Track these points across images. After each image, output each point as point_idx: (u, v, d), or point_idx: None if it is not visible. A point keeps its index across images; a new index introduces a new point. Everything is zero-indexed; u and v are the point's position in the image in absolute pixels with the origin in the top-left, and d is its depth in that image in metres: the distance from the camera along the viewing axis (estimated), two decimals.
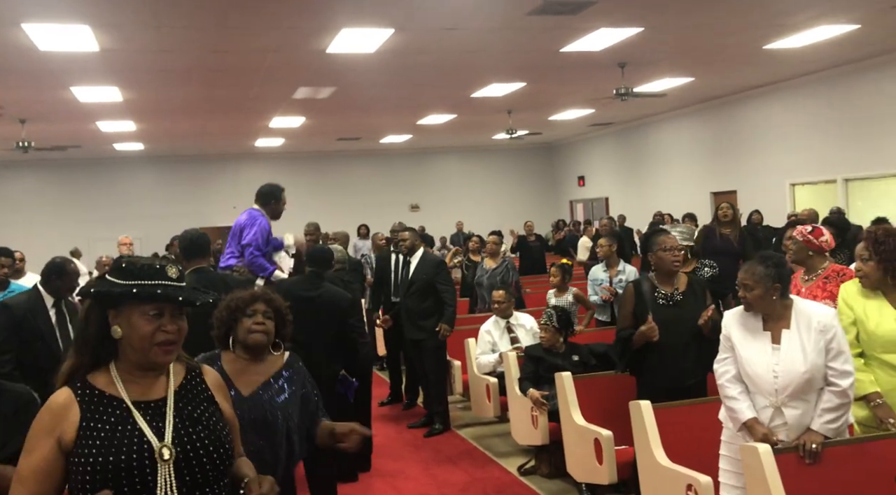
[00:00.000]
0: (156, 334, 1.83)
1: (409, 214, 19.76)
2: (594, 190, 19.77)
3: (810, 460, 3.01)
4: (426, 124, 15.36)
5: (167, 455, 1.80)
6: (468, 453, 5.89)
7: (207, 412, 1.92)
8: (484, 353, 6.10)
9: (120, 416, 1.82)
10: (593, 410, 4.63)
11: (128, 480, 1.77)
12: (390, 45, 8.44)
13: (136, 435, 1.81)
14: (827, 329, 3.10)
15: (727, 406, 3.23)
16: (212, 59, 8.86)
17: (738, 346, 3.20)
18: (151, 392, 1.87)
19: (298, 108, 12.50)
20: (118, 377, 1.85)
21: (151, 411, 1.85)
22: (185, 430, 1.86)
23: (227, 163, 19.33)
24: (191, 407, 1.90)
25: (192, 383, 1.95)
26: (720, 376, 3.26)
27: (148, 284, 1.83)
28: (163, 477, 1.79)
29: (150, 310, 1.83)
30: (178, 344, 1.89)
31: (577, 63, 9.96)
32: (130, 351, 1.86)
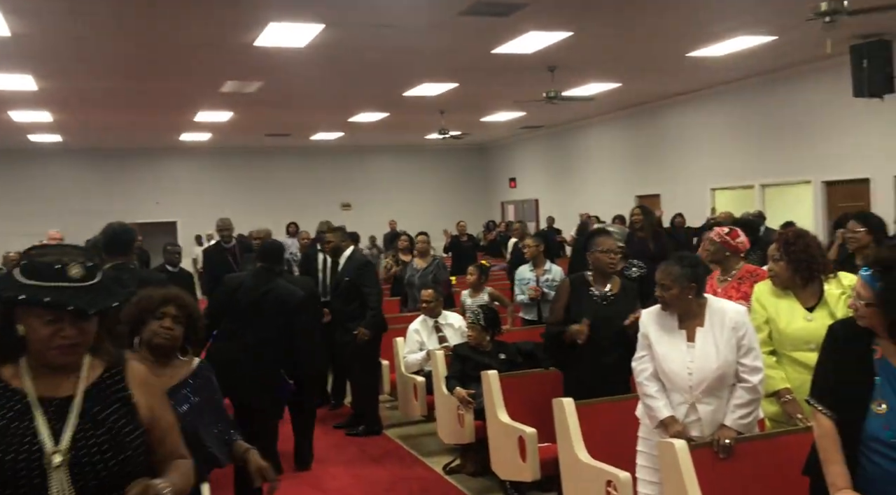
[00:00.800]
0: (53, 338, 1.74)
1: (340, 213, 19.55)
2: (525, 191, 20.01)
3: (724, 455, 3.09)
4: (358, 122, 15.24)
5: (57, 461, 1.70)
6: (394, 452, 5.85)
7: (116, 414, 1.81)
8: (412, 352, 6.07)
9: (18, 411, 1.73)
10: (519, 408, 4.66)
11: (12, 484, 1.67)
12: (321, 41, 8.32)
13: (28, 435, 1.71)
14: (739, 326, 3.20)
15: (645, 403, 3.30)
16: (134, 50, 8.55)
17: (655, 344, 3.27)
18: (60, 388, 1.78)
19: (226, 102, 12.20)
20: (27, 370, 1.77)
21: (54, 409, 1.76)
22: (84, 434, 1.76)
23: (151, 157, 18.72)
24: (99, 408, 1.80)
25: (107, 382, 1.85)
26: (638, 374, 3.33)
27: (42, 287, 1.72)
28: (57, 482, 1.70)
29: (45, 316, 1.73)
30: (81, 345, 1.78)
31: (508, 65, 10.05)
32: (33, 349, 1.78)
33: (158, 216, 18.61)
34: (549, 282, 6.71)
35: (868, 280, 2.31)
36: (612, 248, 4.15)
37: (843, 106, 10.50)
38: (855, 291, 2.38)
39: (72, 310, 1.72)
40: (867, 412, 2.30)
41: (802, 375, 3.43)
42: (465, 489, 4.99)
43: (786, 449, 3.15)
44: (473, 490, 4.96)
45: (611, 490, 3.46)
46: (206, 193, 19.07)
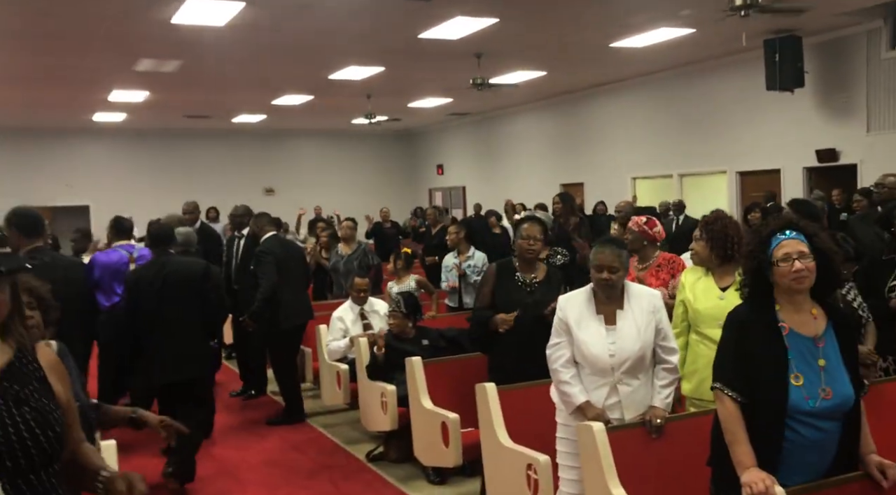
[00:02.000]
0: None
1: (262, 198, 19.12)
2: (452, 178, 20.04)
3: (656, 435, 3.17)
4: (282, 105, 14.89)
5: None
6: (315, 441, 5.77)
7: (37, 393, 1.76)
8: (335, 340, 5.99)
9: None
10: (443, 394, 4.65)
11: None
12: (241, 20, 8.06)
13: None
14: (657, 309, 3.31)
15: (561, 390, 3.32)
16: (41, 23, 8.08)
17: (575, 329, 3.28)
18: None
19: (141, 81, 11.71)
20: None
21: None
22: (8, 412, 1.69)
23: (62, 138, 17.81)
24: (18, 386, 1.73)
25: (21, 362, 1.79)
26: (554, 361, 3.34)
27: None
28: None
29: None
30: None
31: (436, 50, 9.99)
32: None
33: (70, 200, 17.78)
34: (471, 268, 6.78)
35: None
36: (533, 235, 4.17)
37: (757, 98, 10.91)
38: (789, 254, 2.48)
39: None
40: (788, 387, 2.39)
41: (713, 352, 3.55)
42: (387, 476, 4.95)
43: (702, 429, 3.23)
44: (397, 477, 4.93)
45: (531, 473, 3.49)
46: (122, 176, 18.32)
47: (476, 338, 4.30)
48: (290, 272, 6.27)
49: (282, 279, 6.10)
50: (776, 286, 2.51)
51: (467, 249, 6.92)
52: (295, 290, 6.30)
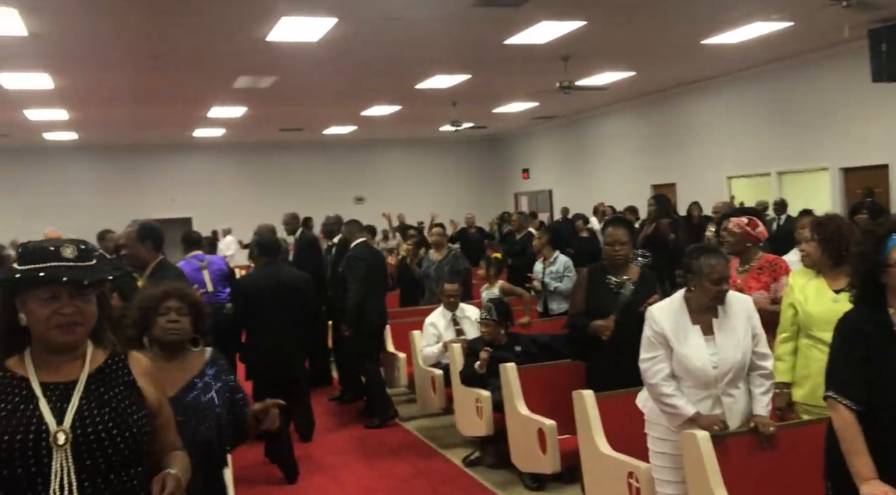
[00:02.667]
0: (52, 317, 1.78)
1: (353, 206, 19.57)
2: (538, 182, 19.94)
3: (768, 443, 3.09)
4: (370, 115, 15.23)
5: (62, 439, 1.74)
6: (412, 445, 5.87)
7: (121, 395, 1.86)
8: (429, 345, 6.08)
9: (24, 397, 1.78)
10: (538, 400, 4.66)
11: (21, 462, 1.72)
12: (333, 35, 8.31)
13: (34, 417, 1.76)
14: (751, 314, 3.25)
15: (666, 404, 3.20)
16: (149, 46, 8.58)
17: (675, 343, 3.19)
18: (63, 374, 1.82)
19: (239, 97, 12.23)
20: (30, 360, 1.82)
21: (59, 393, 1.80)
22: (89, 412, 1.80)
23: (166, 153, 18.81)
24: (103, 389, 1.85)
25: (111, 367, 1.89)
26: (653, 375, 3.23)
27: (35, 267, 1.78)
28: (59, 461, 1.74)
29: (43, 294, 1.78)
30: (83, 325, 1.83)
31: (521, 55, 10.00)
32: (36, 336, 1.82)
33: (174, 212, 18.71)
34: (553, 274, 6.73)
35: None
36: (618, 240, 4.12)
37: (861, 91, 10.37)
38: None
39: (66, 281, 1.76)
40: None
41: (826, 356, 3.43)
42: (485, 481, 4.99)
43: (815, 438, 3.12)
44: (494, 482, 4.96)
45: (632, 481, 3.45)
46: (220, 189, 19.16)
47: (575, 346, 4.27)
48: (375, 278, 6.50)
49: (369, 284, 6.32)
50: (889, 289, 2.41)
51: (551, 254, 6.90)
52: (378, 296, 6.53)
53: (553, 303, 6.77)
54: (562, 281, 6.68)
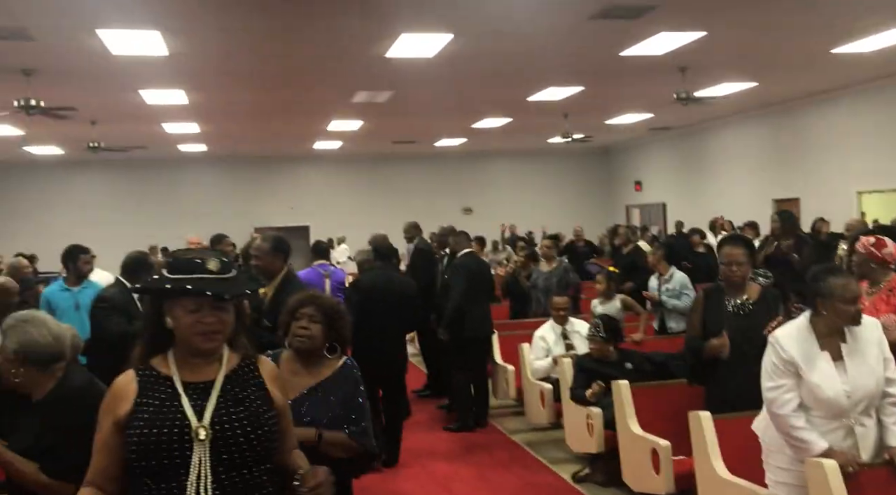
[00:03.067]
0: (195, 325, 1.93)
1: (461, 217, 19.80)
2: (651, 195, 19.48)
3: None
4: (481, 128, 15.39)
5: (202, 435, 1.89)
6: (521, 459, 5.88)
7: (253, 395, 2.00)
8: (538, 359, 6.08)
9: (168, 395, 1.94)
10: (650, 419, 4.57)
11: (167, 454, 1.88)
12: (449, 50, 8.49)
13: (178, 414, 1.92)
14: (881, 339, 3.08)
15: (795, 437, 3.04)
16: (275, 64, 9.06)
17: (805, 371, 3.04)
18: (203, 375, 1.98)
19: (357, 111, 12.67)
20: (174, 360, 1.99)
21: (199, 391, 1.96)
22: (226, 410, 1.94)
23: (286, 164, 19.69)
24: (238, 388, 1.99)
25: (245, 369, 2.05)
26: (780, 406, 3.06)
27: (182, 279, 1.93)
28: (198, 455, 1.88)
29: (188, 305, 1.93)
30: (222, 332, 1.98)
31: (637, 67, 9.85)
32: (180, 339, 1.98)
33: (293, 220, 19.55)
34: (669, 291, 6.56)
35: None
36: (735, 259, 3.96)
37: None
38: None
39: (210, 295, 1.92)
40: None
41: None
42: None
43: None
44: None
45: None
46: (336, 198, 19.85)
47: (694, 371, 4.15)
48: (479, 287, 6.67)
49: (471, 293, 6.50)
50: None
51: (666, 270, 6.71)
52: (481, 305, 6.68)
53: (671, 322, 6.59)
54: (679, 298, 6.52)
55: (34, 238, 16.44)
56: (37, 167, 18.05)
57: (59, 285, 5.77)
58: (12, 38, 7.31)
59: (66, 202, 18.41)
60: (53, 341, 2.79)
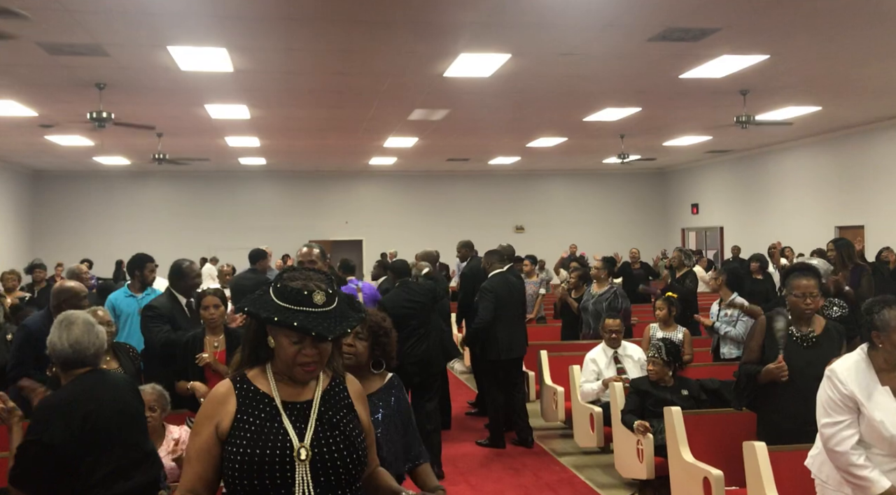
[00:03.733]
0: (297, 357, 1.97)
1: (513, 235, 19.78)
2: (708, 218, 19.15)
3: None
4: (536, 147, 15.39)
5: (304, 455, 1.94)
6: (568, 481, 5.82)
7: (346, 419, 2.04)
8: (588, 381, 6.02)
9: (269, 414, 1.99)
10: (702, 447, 4.49)
11: (269, 474, 1.92)
12: (506, 70, 8.55)
13: (280, 434, 1.96)
14: None
15: (856, 475, 2.95)
16: (335, 81, 9.26)
17: (866, 408, 2.95)
18: (299, 394, 2.02)
19: (413, 128, 12.82)
20: (272, 377, 2.02)
21: (297, 413, 2.00)
22: (323, 434, 1.99)
23: (342, 179, 20.02)
24: (331, 412, 2.03)
25: (335, 389, 2.09)
26: (839, 443, 2.98)
27: (292, 310, 1.93)
28: (300, 474, 1.93)
29: (292, 336, 1.96)
30: (320, 364, 2.01)
31: (697, 89, 9.74)
32: (280, 361, 2.02)
33: (347, 234, 19.83)
34: (728, 317, 6.42)
35: None
36: (809, 292, 3.84)
37: None
38: None
39: (314, 335, 1.93)
40: None
41: None
42: None
43: None
44: None
45: None
46: (389, 214, 20.07)
47: (742, 394, 4.08)
48: (507, 309, 6.69)
49: (500, 315, 6.57)
50: None
51: (728, 296, 6.57)
52: (511, 326, 6.73)
53: (724, 348, 6.47)
54: (735, 325, 6.38)
55: (99, 245, 17.07)
56: (104, 177, 18.75)
57: (124, 291, 5.98)
58: (89, 54, 7.65)
59: (130, 211, 19.05)
60: (69, 347, 2.98)
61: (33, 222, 18.55)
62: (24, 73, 8.55)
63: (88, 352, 3.01)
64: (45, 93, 9.56)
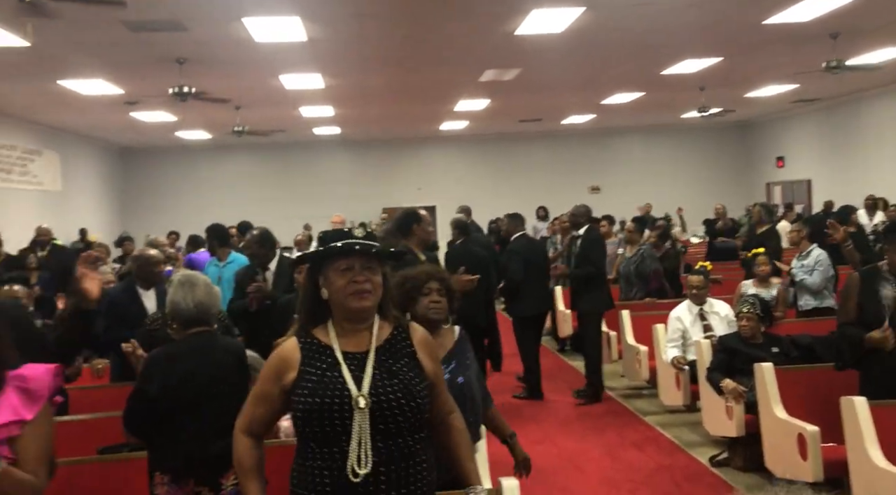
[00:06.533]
0: (348, 286, 2.07)
1: (588, 196, 19.46)
2: (794, 171, 18.33)
3: None
4: (610, 104, 15.01)
5: (362, 403, 2.01)
6: (654, 440, 5.77)
7: (406, 367, 2.10)
8: (672, 341, 5.93)
9: (329, 364, 2.08)
10: (796, 404, 4.38)
11: (329, 421, 2.01)
12: (579, 24, 8.33)
13: (339, 383, 2.05)
14: None
15: None
16: (407, 46, 9.23)
17: None
18: (359, 345, 2.10)
19: (484, 90, 12.70)
20: (333, 330, 2.12)
21: (356, 362, 2.08)
22: (381, 382, 2.06)
23: (413, 146, 20.06)
24: (391, 361, 2.10)
25: (396, 339, 2.15)
26: None
27: (335, 244, 2.10)
28: (358, 422, 2.00)
29: (341, 266, 2.07)
30: (373, 293, 2.09)
31: (782, 35, 9.27)
32: (335, 307, 2.11)
33: (420, 201, 19.92)
34: (804, 268, 6.36)
35: None
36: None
37: None
38: None
39: (358, 249, 2.06)
40: None
41: None
42: (732, 482, 4.78)
43: None
44: (742, 484, 4.74)
45: None
46: (462, 179, 20.03)
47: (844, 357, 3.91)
48: (534, 268, 6.94)
49: (528, 274, 6.79)
50: None
51: (806, 248, 6.44)
52: (537, 284, 6.96)
53: (801, 300, 6.34)
54: (811, 274, 6.22)
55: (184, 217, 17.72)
56: (186, 151, 19.38)
57: (212, 261, 6.26)
58: (168, 29, 7.87)
59: (212, 184, 19.65)
60: (194, 307, 3.13)
61: (122, 197, 19.40)
62: (109, 52, 8.88)
63: (210, 312, 3.18)
64: (129, 70, 9.90)
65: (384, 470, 1.99)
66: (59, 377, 1.94)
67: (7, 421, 1.85)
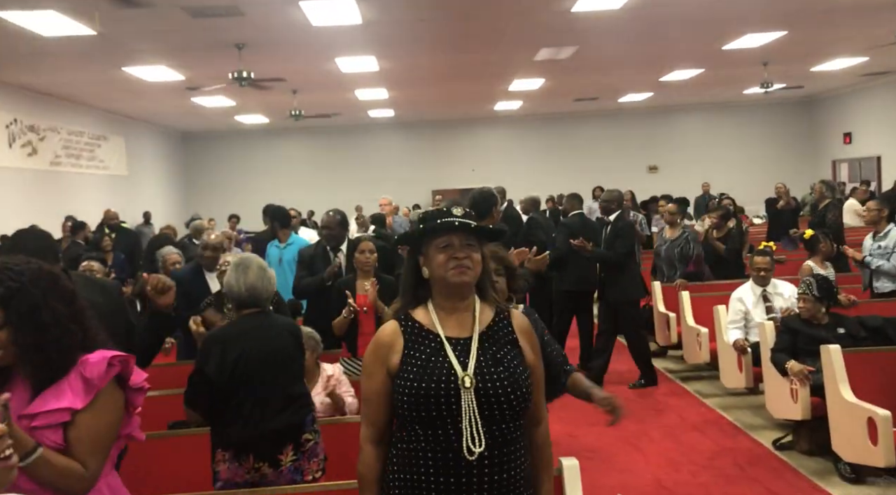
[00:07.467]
0: (448, 261, 2.06)
1: (646, 176, 19.13)
2: (863, 148, 17.64)
3: None
4: (669, 81, 14.67)
5: (468, 383, 2.01)
6: (714, 422, 5.69)
7: (510, 354, 2.09)
8: (734, 323, 5.82)
9: (434, 349, 2.08)
10: (864, 387, 4.26)
11: (436, 404, 2.01)
12: (637, 0, 8.15)
13: (445, 366, 2.04)
14: None
15: None
16: (460, 26, 9.19)
17: None
18: (461, 330, 2.10)
19: (539, 69, 12.56)
20: (434, 313, 2.12)
21: (460, 347, 2.08)
22: (486, 369, 2.05)
23: (467, 127, 20.00)
24: (494, 348, 2.09)
25: (498, 325, 2.13)
26: None
27: (435, 220, 2.12)
28: (466, 402, 2.01)
29: (441, 243, 2.07)
30: (472, 269, 2.08)
31: (851, 5, 8.90)
32: (436, 285, 2.11)
33: (474, 182, 19.87)
34: (881, 250, 6.08)
35: None
36: None
37: None
38: None
39: (458, 225, 2.07)
40: None
41: None
42: (797, 466, 4.68)
43: None
44: (807, 468, 4.63)
45: None
46: (516, 159, 19.91)
47: None
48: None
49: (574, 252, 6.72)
50: None
51: (884, 227, 6.17)
52: (582, 261, 6.89)
53: (877, 282, 6.12)
54: (889, 258, 5.98)
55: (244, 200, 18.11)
56: (245, 135, 19.76)
57: (274, 243, 6.41)
58: (226, 14, 8.00)
59: (270, 167, 20.00)
60: (245, 291, 3.22)
61: (184, 181, 19.92)
62: (171, 38, 9.09)
63: (262, 295, 3.25)
64: (189, 56, 10.13)
65: (487, 453, 1.99)
66: (116, 368, 1.90)
67: (57, 407, 1.82)
